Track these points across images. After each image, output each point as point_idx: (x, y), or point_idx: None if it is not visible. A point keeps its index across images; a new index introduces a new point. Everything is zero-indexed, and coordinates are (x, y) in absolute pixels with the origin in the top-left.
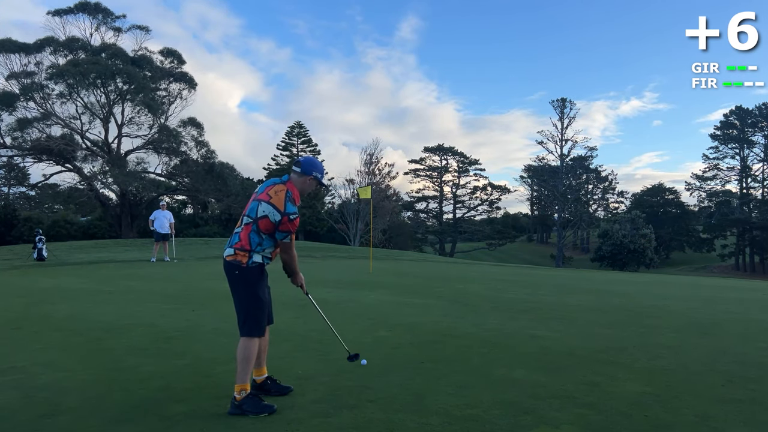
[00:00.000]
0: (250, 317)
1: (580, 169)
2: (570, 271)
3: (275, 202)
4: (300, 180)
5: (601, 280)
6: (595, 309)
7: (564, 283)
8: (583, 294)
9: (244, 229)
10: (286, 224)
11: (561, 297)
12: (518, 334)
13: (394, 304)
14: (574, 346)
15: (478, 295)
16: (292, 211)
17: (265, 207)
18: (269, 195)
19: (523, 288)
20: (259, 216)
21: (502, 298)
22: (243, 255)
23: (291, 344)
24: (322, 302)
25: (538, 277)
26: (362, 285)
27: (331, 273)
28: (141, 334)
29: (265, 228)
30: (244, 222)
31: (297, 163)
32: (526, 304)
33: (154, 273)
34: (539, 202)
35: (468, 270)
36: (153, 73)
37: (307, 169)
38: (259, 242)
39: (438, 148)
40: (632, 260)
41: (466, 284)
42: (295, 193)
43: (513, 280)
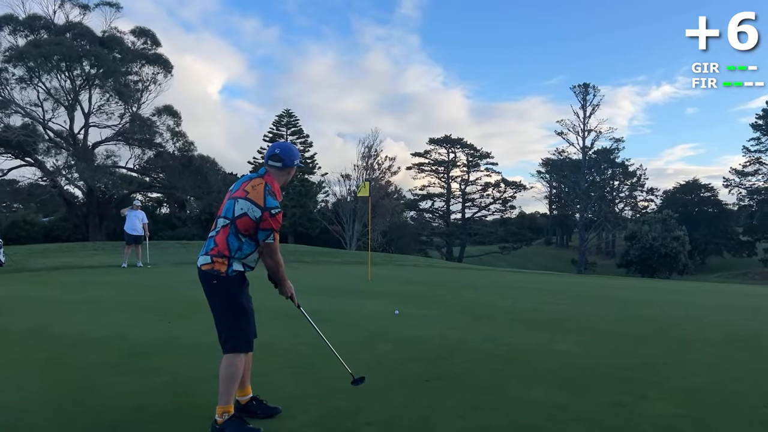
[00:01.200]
0: (235, 331)
1: (604, 163)
2: (593, 278)
3: (253, 197)
4: (281, 173)
5: (628, 288)
6: (622, 320)
7: (587, 292)
8: (609, 304)
9: (221, 233)
10: (267, 221)
11: (583, 307)
12: (535, 349)
13: (396, 315)
14: (599, 362)
15: (490, 304)
16: (273, 205)
17: (242, 204)
18: (246, 191)
19: (540, 297)
20: (236, 215)
21: (517, 308)
22: (221, 263)
23: (279, 360)
24: (313, 313)
25: (557, 284)
26: (359, 293)
27: (324, 280)
28: (111, 348)
29: (244, 228)
30: (220, 224)
31: (274, 156)
32: (544, 314)
33: (125, 280)
34: (559, 201)
35: (479, 277)
36: (124, 55)
37: (289, 160)
38: (239, 246)
39: (445, 139)
40: (663, 266)
41: (477, 292)
42: (275, 187)
43: (529, 287)
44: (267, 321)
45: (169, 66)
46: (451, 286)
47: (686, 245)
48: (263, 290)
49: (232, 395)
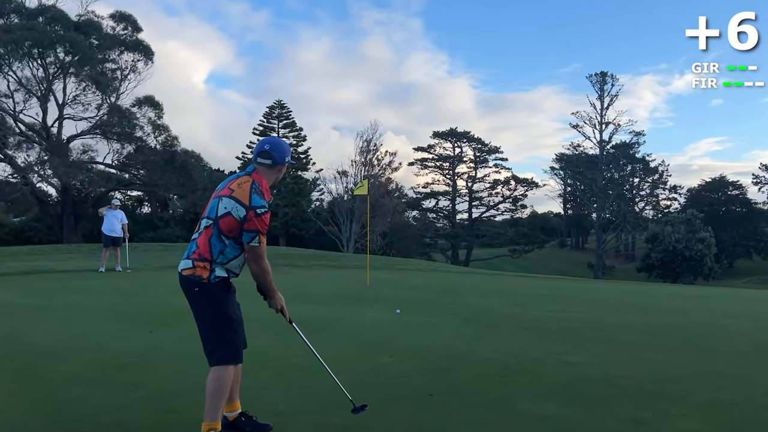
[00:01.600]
0: (221, 341)
1: (623, 158)
2: (611, 284)
3: (238, 195)
4: (271, 172)
5: (649, 294)
6: (642, 329)
7: (604, 298)
8: (628, 311)
9: (203, 235)
10: (252, 221)
11: (600, 315)
12: (547, 360)
13: (397, 324)
14: (616, 374)
15: (499, 312)
16: (259, 204)
17: (226, 202)
18: (231, 189)
19: (553, 304)
20: (220, 215)
21: (528, 315)
22: (202, 268)
23: (270, 373)
24: (307, 322)
25: (572, 290)
26: (357, 300)
27: (319, 285)
28: (87, 359)
29: (227, 229)
30: (203, 225)
31: (263, 153)
32: (558, 323)
33: (103, 285)
34: (574, 199)
35: (487, 282)
36: (101, 41)
37: (279, 157)
38: (221, 249)
39: (450, 133)
40: (688, 270)
41: (485, 299)
42: (263, 186)
43: (542, 294)
44: (257, 330)
45: (150, 53)
46: (457, 292)
47: (712, 248)
48: (252, 296)
49: (220, 411)
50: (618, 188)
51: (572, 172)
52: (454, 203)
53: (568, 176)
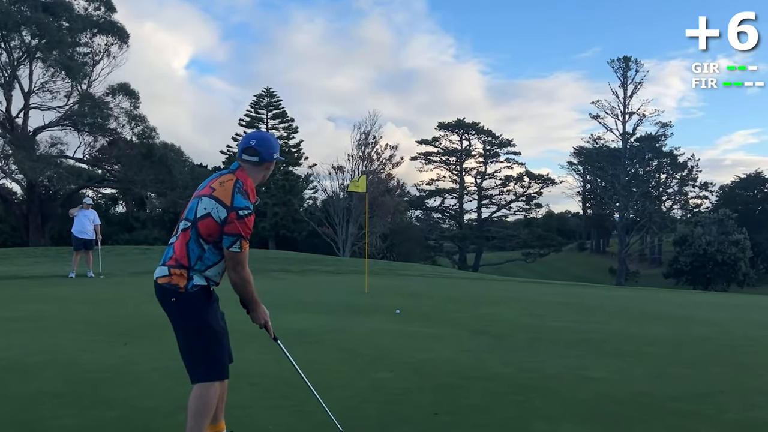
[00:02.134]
0: (204, 355)
1: (649, 152)
2: (636, 291)
3: (220, 194)
4: (257, 170)
5: (677, 302)
6: (670, 341)
7: (627, 307)
8: (654, 321)
9: (180, 238)
10: (234, 223)
11: (623, 325)
12: (565, 376)
13: (398, 335)
14: (641, 391)
15: (512, 322)
16: (242, 204)
17: (206, 203)
18: (212, 188)
19: (571, 313)
20: (198, 216)
21: (544, 326)
22: (179, 275)
23: (257, 389)
24: (298, 333)
25: (592, 298)
26: (355, 309)
27: (312, 293)
28: (56, 375)
29: (207, 232)
30: (181, 228)
31: (249, 149)
32: (576, 334)
33: (73, 293)
34: (594, 198)
35: (498, 289)
36: (72, 23)
37: (267, 153)
38: (200, 255)
39: (457, 124)
40: (720, 276)
41: (496, 308)
42: (248, 184)
43: (558, 302)
44: (242, 342)
45: (125, 35)
46: (465, 300)
47: (747, 251)
48: (235, 304)
49: (204, 431)
50: (643, 185)
51: (592, 168)
52: (462, 202)
53: (587, 172)
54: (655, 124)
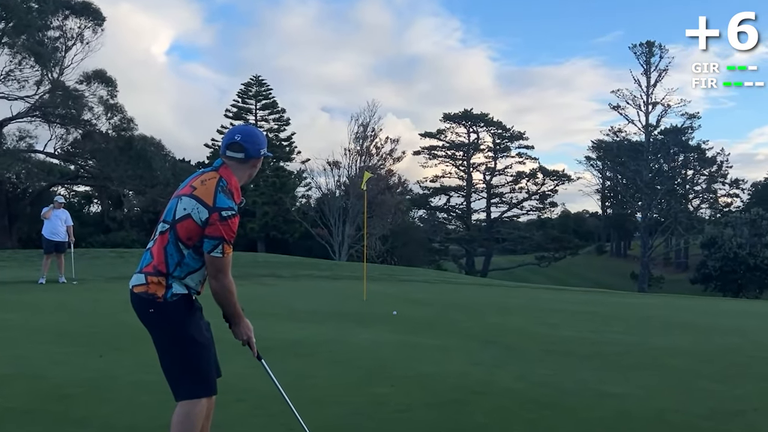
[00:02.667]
0: (188, 370)
1: (674, 146)
2: (660, 298)
3: (201, 193)
4: (243, 167)
5: (705, 310)
6: (697, 353)
7: (651, 316)
8: (680, 331)
9: (158, 242)
10: (216, 225)
11: (646, 336)
12: (582, 391)
13: (400, 347)
14: (666, 408)
15: (524, 332)
16: (226, 205)
17: (186, 202)
18: (193, 187)
19: (589, 322)
20: (177, 218)
21: (559, 337)
22: (157, 283)
23: (246, 406)
24: (291, 345)
25: (612, 306)
26: (352, 318)
27: (306, 300)
28: (23, 389)
29: (186, 236)
30: (159, 231)
31: (234, 145)
32: (595, 346)
33: (43, 300)
34: (614, 196)
35: (509, 296)
36: (42, 4)
37: (253, 149)
38: (179, 261)
39: (464, 115)
40: (752, 281)
41: (506, 317)
42: (233, 183)
43: (575, 310)
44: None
45: (99, 18)
46: (473, 308)
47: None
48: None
49: None
50: (668, 182)
51: (612, 163)
52: (469, 200)
53: (607, 168)
54: (681, 115)
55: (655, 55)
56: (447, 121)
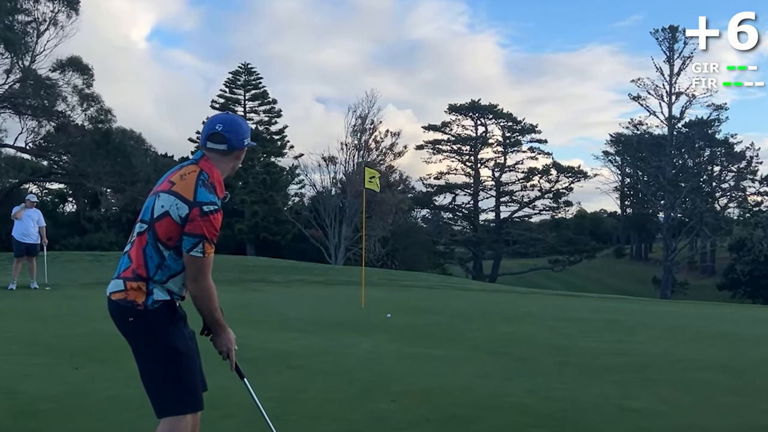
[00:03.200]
0: (172, 384)
1: (700, 140)
2: (684, 305)
3: (180, 189)
4: (225, 159)
5: (734, 319)
6: (726, 366)
7: (675, 324)
8: (706, 342)
9: (136, 244)
10: (196, 221)
11: (670, 346)
12: (600, 406)
13: (401, 358)
14: (691, 424)
15: (536, 343)
16: (208, 199)
17: (164, 200)
18: (171, 182)
19: (607, 332)
20: (156, 216)
21: (575, 347)
22: (137, 289)
23: (234, 422)
24: (283, 356)
25: (632, 314)
26: (349, 327)
27: (299, 307)
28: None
29: (166, 235)
30: (137, 232)
31: (215, 135)
32: (614, 358)
33: (14, 307)
34: (634, 194)
35: (520, 303)
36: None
37: (236, 139)
38: (159, 263)
39: (471, 106)
40: None
41: (517, 326)
42: (214, 176)
43: (592, 318)
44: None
45: (74, 1)
46: (480, 316)
47: None
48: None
49: None
50: (692, 179)
51: (632, 159)
52: (477, 199)
53: (626, 164)
54: (707, 106)
55: (678, 41)
56: (452, 113)
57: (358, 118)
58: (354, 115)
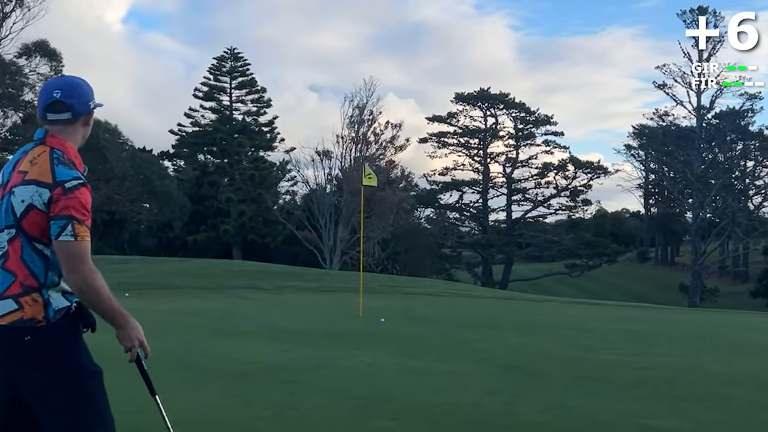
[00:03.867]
0: (94, 415)
1: (732, 132)
2: (715, 314)
3: (35, 175)
4: (73, 129)
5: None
6: (761, 381)
7: (705, 335)
8: (739, 354)
9: (11, 255)
10: (60, 201)
11: (699, 359)
12: (621, 426)
13: (403, 372)
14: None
15: (551, 355)
16: (69, 176)
17: (22, 193)
18: (22, 171)
19: (630, 343)
20: (20, 215)
21: (594, 361)
22: (33, 303)
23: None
24: (274, 370)
25: (657, 323)
26: (346, 338)
27: (291, 317)
28: None
29: (39, 231)
30: (6, 241)
31: (55, 104)
32: (637, 371)
33: None
34: (660, 192)
35: (533, 311)
36: None
37: (79, 104)
38: (45, 264)
39: (479, 95)
40: None
41: (530, 337)
42: (69, 151)
43: (613, 328)
44: (197, 380)
45: None
46: (490, 326)
47: None
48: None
49: None
50: (724, 176)
51: (657, 153)
52: (486, 197)
53: (650, 158)
54: (740, 95)
55: (709, 23)
56: (459, 103)
57: (356, 108)
58: (351, 105)
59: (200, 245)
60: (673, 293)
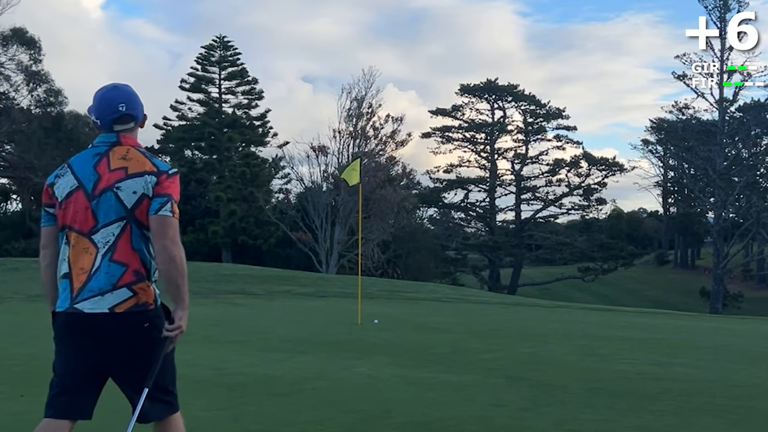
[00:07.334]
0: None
1: (756, 126)
2: (739, 321)
3: (138, 167)
4: (136, 131)
5: None
6: None
7: (729, 344)
8: (765, 364)
9: (119, 247)
10: (163, 183)
11: (723, 370)
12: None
13: (405, 384)
14: None
15: (563, 365)
16: (167, 166)
17: (132, 185)
18: (122, 168)
19: (649, 353)
20: (133, 204)
21: (610, 371)
22: (146, 289)
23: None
24: (266, 382)
25: (677, 331)
26: (344, 347)
27: (285, 324)
28: None
29: (144, 218)
30: (112, 233)
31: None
32: (656, 383)
33: None
34: (679, 191)
35: (544, 319)
36: None
37: (140, 110)
38: (149, 251)
39: (486, 87)
40: None
41: (541, 346)
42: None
43: (630, 337)
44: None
45: None
46: (498, 334)
47: None
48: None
49: None
50: (748, 173)
51: (677, 148)
52: (493, 196)
53: (669, 154)
54: (766, 86)
55: (731, 10)
56: (464, 95)
57: (354, 100)
58: (348, 97)
59: (187, 247)
60: (693, 299)
